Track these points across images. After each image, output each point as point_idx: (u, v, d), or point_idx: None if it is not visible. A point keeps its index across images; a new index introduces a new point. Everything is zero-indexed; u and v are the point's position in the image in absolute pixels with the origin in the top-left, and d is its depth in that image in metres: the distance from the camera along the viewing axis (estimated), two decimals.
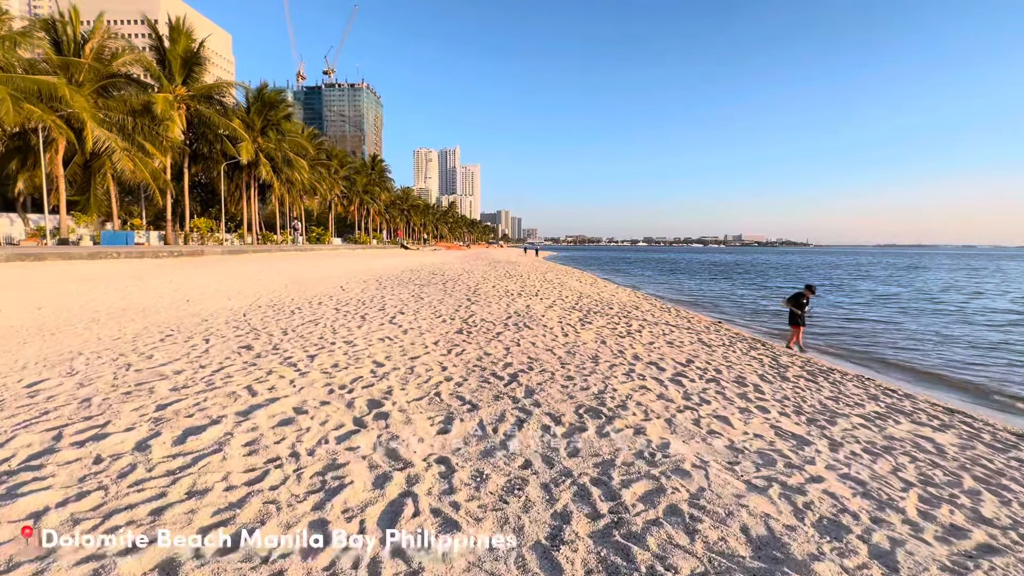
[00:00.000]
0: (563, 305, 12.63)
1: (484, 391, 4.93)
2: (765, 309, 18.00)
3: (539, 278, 21.65)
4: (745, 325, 14.54)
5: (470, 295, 13.43)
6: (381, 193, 79.45)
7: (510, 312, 10.58)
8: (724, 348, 8.99)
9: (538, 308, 11.57)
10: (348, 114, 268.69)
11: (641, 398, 5.09)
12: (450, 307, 10.84)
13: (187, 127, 35.09)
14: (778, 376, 7.06)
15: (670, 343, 8.77)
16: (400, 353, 6.31)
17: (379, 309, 9.97)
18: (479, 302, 11.96)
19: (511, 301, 12.57)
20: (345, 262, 27.49)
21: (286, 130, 43.63)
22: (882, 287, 27.69)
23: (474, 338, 7.65)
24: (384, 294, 12.88)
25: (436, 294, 13.30)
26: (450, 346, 6.96)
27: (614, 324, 10.26)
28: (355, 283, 15.46)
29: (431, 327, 8.37)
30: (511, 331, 8.45)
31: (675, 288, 27.15)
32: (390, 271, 21.07)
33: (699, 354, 7.96)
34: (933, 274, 42.38)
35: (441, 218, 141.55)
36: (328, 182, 59.54)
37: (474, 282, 17.56)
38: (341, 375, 5.14)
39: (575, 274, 29.14)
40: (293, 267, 21.40)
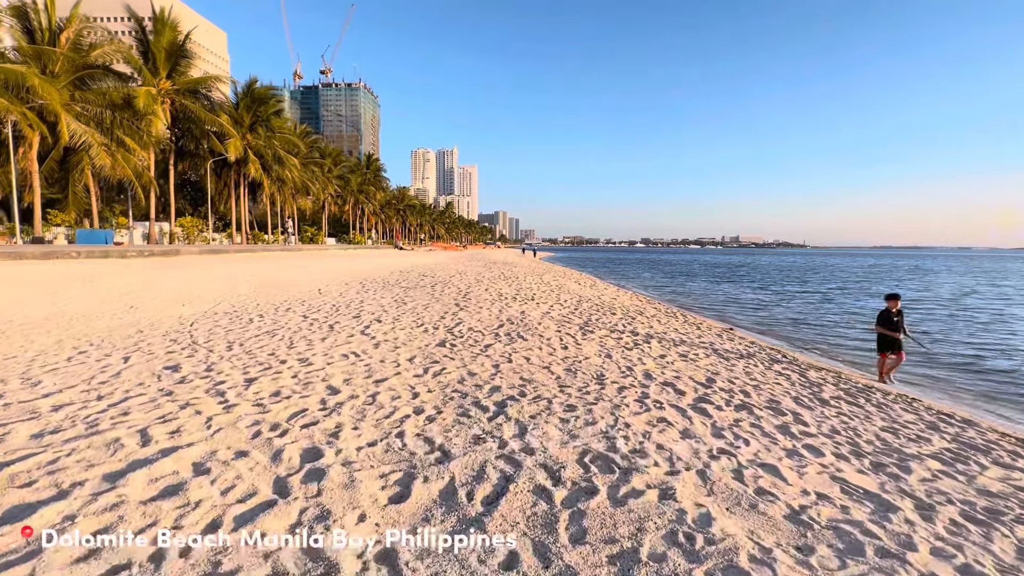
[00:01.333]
0: (561, 311, 11.55)
1: (461, 430, 3.84)
2: (771, 312, 16.98)
3: (536, 280, 20.58)
4: (756, 331, 13.52)
5: (460, 299, 12.34)
6: (376, 193, 78.24)
7: (502, 319, 9.49)
8: (744, 361, 7.93)
9: (534, 314, 10.49)
10: (345, 114, 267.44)
11: (662, 437, 4.01)
12: (435, 314, 9.73)
13: (172, 123, 33.89)
14: (815, 398, 6.00)
15: (683, 356, 7.71)
16: (364, 374, 5.21)
17: (353, 316, 8.86)
18: (469, 307, 10.87)
19: (504, 306, 11.48)
20: (332, 263, 26.35)
21: (276, 127, 42.43)
22: (905, 292, 26.66)
23: (458, 353, 6.55)
24: (364, 298, 11.77)
25: (422, 298, 12.19)
26: (428, 363, 5.87)
27: (619, 333, 9.19)
28: (336, 286, 14.34)
29: (409, 339, 7.27)
30: (502, 343, 7.36)
31: (678, 291, 26.12)
32: (378, 272, 19.95)
33: (718, 370, 6.89)
34: (945, 277, 41.41)
35: (438, 218, 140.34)
36: (321, 181, 58.36)
37: (466, 284, 16.47)
38: (279, 408, 4.03)
39: (573, 276, 28.09)
40: (273, 268, 20.26)
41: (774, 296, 23.37)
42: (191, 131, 35.33)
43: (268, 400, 4.21)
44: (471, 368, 5.76)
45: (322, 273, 18.72)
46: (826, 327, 14.34)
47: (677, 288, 27.35)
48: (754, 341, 10.72)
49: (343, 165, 66.23)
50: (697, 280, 34.50)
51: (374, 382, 4.94)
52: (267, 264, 22.53)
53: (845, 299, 22.25)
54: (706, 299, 21.83)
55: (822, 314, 17.12)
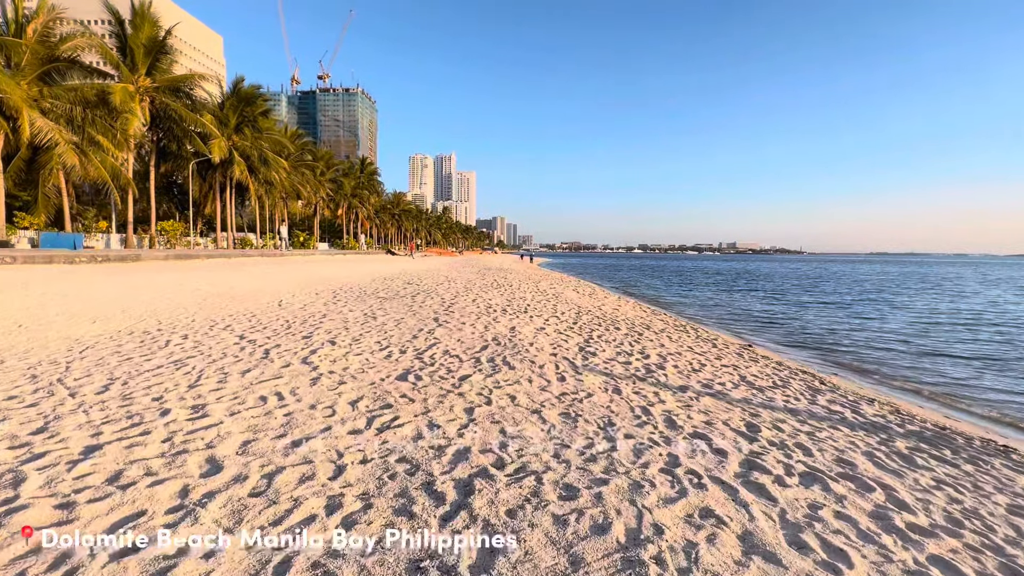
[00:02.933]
0: (558, 325, 10.05)
1: (393, 546, 2.32)
2: (788, 324, 15.52)
3: (531, 288, 19.08)
4: (775, 346, 12.05)
5: (441, 312, 10.81)
6: (370, 197, 76.74)
7: (487, 339, 7.96)
8: (780, 391, 6.45)
9: (526, 331, 8.97)
10: (343, 119, 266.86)
11: (715, 555, 2.50)
12: (407, 331, 8.20)
13: (152, 122, 32.37)
14: (893, 454, 4.51)
15: (708, 387, 6.21)
16: (276, 433, 3.67)
17: (304, 336, 7.30)
18: (450, 322, 9.34)
19: (492, 321, 9.97)
20: (312, 269, 24.75)
21: (264, 128, 40.90)
22: (945, 303, 24.98)
23: (423, 390, 5.03)
24: (329, 312, 10.23)
25: (398, 311, 10.66)
26: (376, 409, 4.34)
27: (627, 354, 7.69)
28: (303, 296, 12.78)
29: (363, 369, 5.74)
30: (483, 373, 5.84)
31: (682, 298, 24.66)
32: (359, 280, 18.40)
33: (757, 410, 5.40)
34: (967, 285, 39.82)
35: (434, 224, 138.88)
36: (313, 184, 56.91)
37: (453, 293, 14.95)
38: (94, 513, 2.51)
39: (572, 283, 26.59)
40: (241, 276, 18.68)
41: (787, 307, 21.93)
42: (172, 131, 33.77)
43: (88, 496, 2.66)
44: (435, 416, 4.24)
45: (296, 281, 17.16)
46: (857, 343, 12.87)
47: (680, 295, 25.89)
48: (781, 362, 9.24)
49: (336, 168, 64.75)
50: (700, 287, 33.07)
51: (284, 447, 3.41)
52: (237, 271, 20.92)
53: (866, 308, 20.79)
54: (716, 310, 20.36)
55: (849, 327, 15.64)
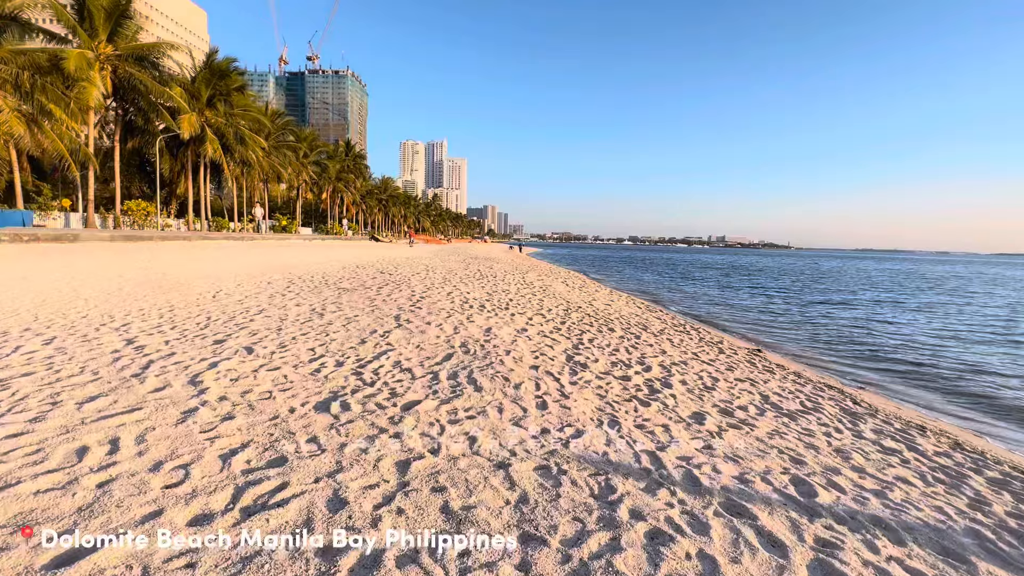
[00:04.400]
0: (543, 326, 8.63)
1: None
2: (797, 326, 14.30)
3: (517, 280, 17.63)
4: (787, 351, 10.78)
5: (408, 308, 9.34)
6: (356, 181, 74.29)
7: (455, 344, 6.52)
8: (814, 418, 5.11)
9: (504, 333, 7.54)
10: (332, 101, 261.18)
11: None
12: (356, 334, 6.71)
13: (114, 93, 30.10)
14: (993, 516, 3.17)
15: (727, 413, 4.85)
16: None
17: (215, 342, 5.76)
18: (413, 322, 7.87)
19: (466, 319, 8.52)
20: (281, 254, 23.02)
21: (239, 104, 38.57)
22: (959, 305, 23.88)
23: (343, 431, 3.57)
24: (269, 306, 8.70)
25: (355, 306, 9.16)
26: (256, 472, 2.87)
27: (624, 365, 6.31)
28: (250, 285, 11.20)
29: (272, 393, 4.26)
30: (437, 399, 4.39)
31: (677, 293, 23.40)
32: (327, 267, 16.80)
33: (798, 449, 4.04)
34: (976, 286, 39.02)
35: (424, 210, 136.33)
36: (295, 166, 54.59)
37: (427, 285, 13.45)
38: None
39: (561, 274, 25.19)
40: (192, 260, 16.99)
41: (791, 306, 20.77)
42: (138, 104, 31.50)
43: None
44: (346, 481, 2.80)
45: (253, 267, 15.51)
46: (878, 348, 11.64)
47: (675, 289, 24.65)
48: (800, 373, 7.93)
49: (320, 151, 62.28)
50: (694, 282, 31.88)
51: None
52: (190, 255, 19.15)
53: (876, 308, 19.68)
54: (711, 305, 19.11)
55: (866, 334, 14.44)
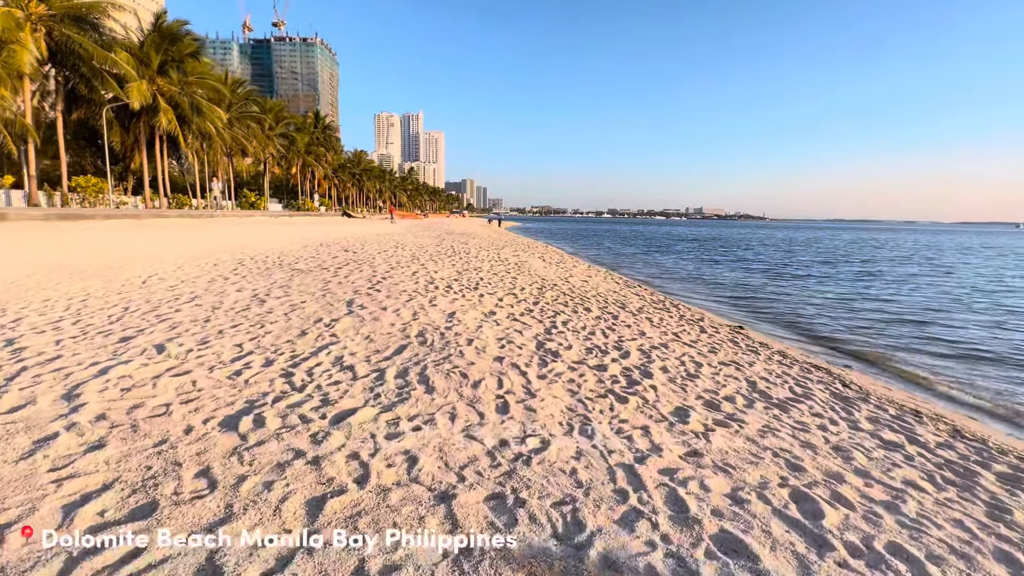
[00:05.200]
0: (514, 308, 7.96)
1: None
2: (776, 298, 13.99)
3: (491, 257, 16.87)
4: (768, 326, 10.39)
5: (364, 290, 8.54)
6: (327, 154, 71.54)
7: (411, 333, 5.80)
8: (805, 406, 4.56)
9: (469, 318, 6.84)
10: (301, 71, 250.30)
11: None
12: (297, 324, 5.93)
13: (51, 58, 27.64)
14: (1015, 528, 2.65)
15: (714, 406, 4.27)
16: None
17: (122, 339, 4.89)
18: (368, 307, 7.10)
19: (428, 302, 7.79)
20: (238, 233, 21.68)
21: (196, 71, 36.03)
22: (941, 275, 23.94)
23: (248, 457, 2.85)
24: (206, 292, 7.80)
25: (307, 291, 8.31)
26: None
27: (599, 353, 5.70)
28: (191, 268, 10.20)
29: (169, 406, 3.50)
30: (378, 405, 3.70)
31: (656, 267, 22.99)
32: (286, 246, 15.72)
33: (793, 450, 3.47)
34: (944, 254, 39.56)
35: (399, 185, 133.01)
36: (260, 139, 52.02)
37: (392, 264, 12.60)
38: None
39: (538, 249, 24.46)
40: (128, 240, 15.73)
41: (771, 280, 20.54)
42: (80, 70, 29.03)
43: None
44: (230, 535, 2.11)
45: (201, 247, 14.37)
46: (859, 321, 11.33)
47: (653, 263, 24.25)
48: (784, 352, 7.47)
49: (287, 122, 59.42)
50: (671, 255, 31.56)
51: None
52: (132, 234, 17.75)
53: (864, 282, 19.58)
54: (688, 279, 18.72)
55: (845, 302, 14.19)
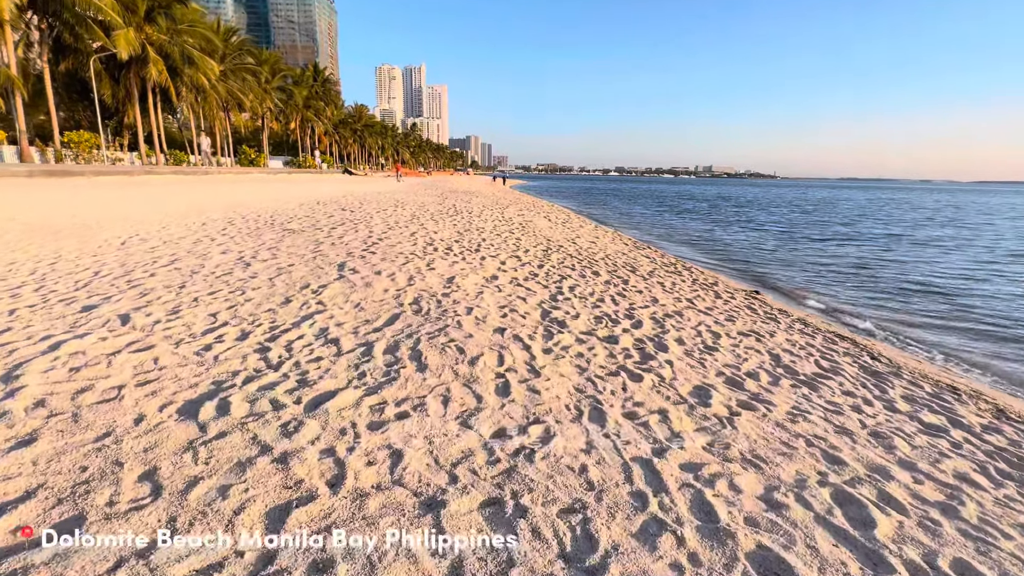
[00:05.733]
0: (518, 271, 7.46)
1: None
2: (795, 263, 13.39)
3: (495, 216, 16.23)
4: (784, 291, 9.87)
5: (358, 253, 8.05)
6: (327, 109, 69.34)
7: (405, 300, 5.34)
8: (836, 383, 4.10)
9: (470, 283, 6.36)
10: (298, 20, 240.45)
11: None
12: (282, 290, 5.48)
13: (31, 5, 26.19)
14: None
15: (736, 385, 3.82)
16: None
17: (84, 308, 4.43)
18: (361, 271, 6.62)
19: (426, 266, 7.30)
20: (232, 191, 20.99)
21: (185, 19, 34.22)
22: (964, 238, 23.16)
23: (204, 455, 2.45)
24: (188, 254, 7.34)
25: (296, 253, 7.82)
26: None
27: (610, 321, 5.23)
28: (177, 228, 9.71)
29: (122, 389, 3.08)
30: (362, 387, 3.27)
31: (666, 228, 22.23)
32: (281, 205, 15.12)
33: (828, 438, 3.03)
34: (967, 216, 38.22)
35: (402, 141, 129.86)
36: (256, 93, 50.22)
37: (390, 224, 12.05)
38: None
39: (544, 208, 23.67)
40: (112, 199, 15.11)
41: (786, 241, 19.84)
42: (62, 16, 27.57)
43: None
44: (166, 563, 1.71)
45: (191, 206, 13.83)
46: (885, 293, 10.77)
47: (662, 224, 23.47)
48: (805, 320, 6.97)
49: (284, 75, 57.19)
50: (682, 215, 30.64)
51: None
52: (125, 193, 17.11)
53: (884, 246, 18.85)
54: (700, 241, 18.04)
55: (870, 271, 13.61)
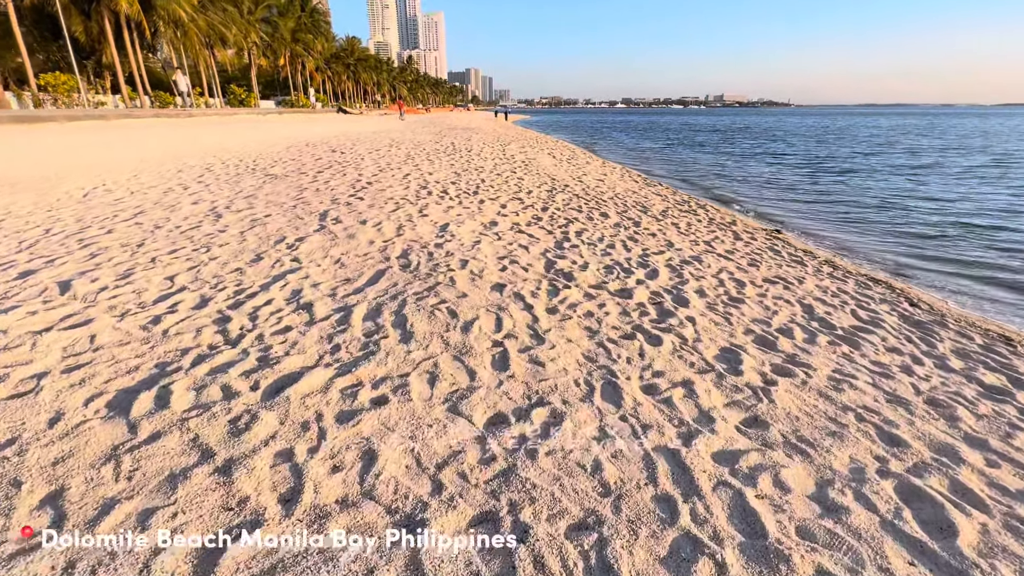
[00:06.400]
0: (520, 215, 6.82)
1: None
2: (804, 197, 12.51)
3: (495, 154, 15.27)
4: (803, 229, 9.17)
5: (344, 199, 7.40)
6: (317, 42, 65.34)
7: (392, 254, 4.79)
8: (876, 336, 3.58)
9: (466, 230, 5.77)
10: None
11: None
12: (255, 245, 4.92)
13: None
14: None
15: (767, 345, 3.32)
16: None
17: (16, 276, 3.93)
18: (344, 220, 6.03)
19: (418, 212, 6.68)
20: (214, 134, 19.91)
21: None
22: None
23: (118, 480, 2.02)
24: (155, 206, 6.74)
25: (276, 200, 7.18)
26: None
27: (622, 271, 4.68)
28: (148, 176, 9.01)
29: (40, 379, 2.63)
30: (334, 364, 2.80)
31: (674, 163, 21.03)
32: (266, 148, 14.18)
33: (882, 411, 2.55)
34: (1007, 138, 35.95)
35: (398, 76, 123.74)
36: (240, 25, 47.15)
37: (382, 166, 11.26)
38: None
39: (547, 144, 22.41)
40: (88, 146, 14.18)
41: (807, 175, 18.72)
42: None
43: None
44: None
45: (166, 152, 12.99)
46: (918, 230, 10.00)
47: (671, 158, 22.19)
48: (832, 262, 6.37)
49: (267, 5, 53.36)
50: (694, 148, 29.08)
51: None
52: (97, 139, 16.14)
53: (917, 176, 17.69)
54: (710, 175, 16.99)
55: (903, 203, 12.73)
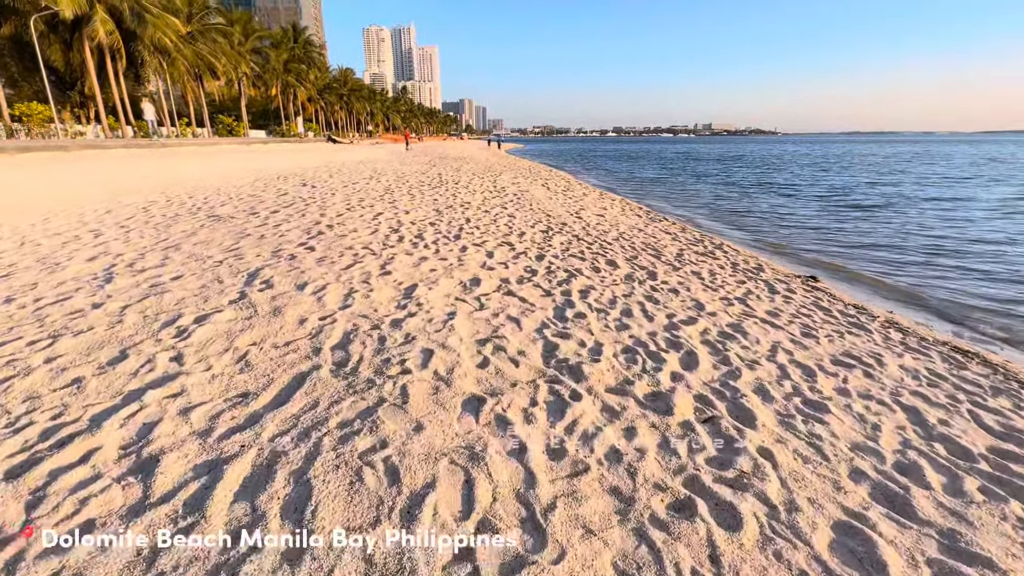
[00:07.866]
0: (510, 265, 5.50)
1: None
2: (840, 238, 11.36)
3: (485, 186, 14.10)
4: (841, 277, 7.91)
5: (289, 250, 6.09)
6: (310, 73, 65.38)
7: (326, 343, 3.45)
8: None
9: (438, 295, 4.42)
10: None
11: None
12: (131, 331, 3.62)
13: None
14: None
15: (900, 507, 1.92)
16: None
17: None
18: (278, 284, 4.70)
19: (379, 267, 5.35)
20: (182, 164, 18.71)
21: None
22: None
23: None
24: (38, 262, 5.46)
25: (202, 253, 5.88)
26: None
27: (647, 352, 3.32)
28: (64, 219, 7.76)
29: None
30: None
31: (677, 193, 20.02)
32: (231, 181, 13.00)
33: None
34: (1001, 165, 35.90)
35: (392, 106, 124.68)
36: (230, 56, 46.75)
37: (352, 203, 10.00)
38: None
39: (542, 174, 21.35)
40: (26, 179, 13.15)
41: (818, 209, 17.69)
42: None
43: None
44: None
45: (120, 184, 11.80)
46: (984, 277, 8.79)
47: (673, 187, 21.24)
48: (897, 323, 5.05)
49: (259, 36, 53.26)
50: (699, 178, 28.26)
51: None
52: (31, 171, 15.08)
53: (942, 209, 16.69)
54: (719, 208, 15.90)
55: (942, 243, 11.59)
